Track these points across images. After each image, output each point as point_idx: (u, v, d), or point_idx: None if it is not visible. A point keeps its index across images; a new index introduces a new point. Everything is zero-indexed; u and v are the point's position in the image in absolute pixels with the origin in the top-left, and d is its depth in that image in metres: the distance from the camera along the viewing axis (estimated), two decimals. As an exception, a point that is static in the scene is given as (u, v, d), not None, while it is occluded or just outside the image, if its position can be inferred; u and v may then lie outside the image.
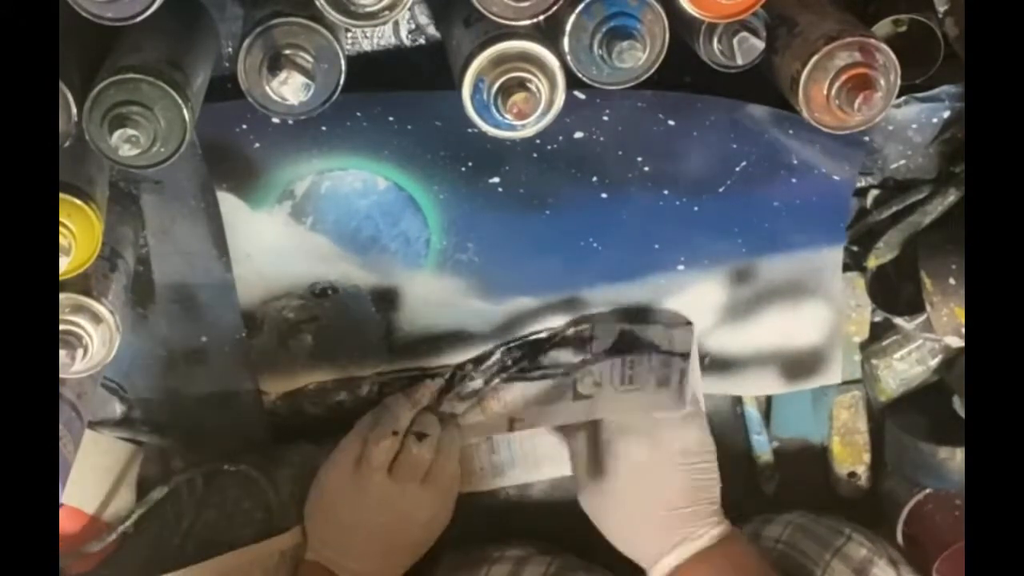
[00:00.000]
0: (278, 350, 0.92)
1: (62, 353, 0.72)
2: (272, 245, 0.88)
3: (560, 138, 0.85)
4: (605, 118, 0.84)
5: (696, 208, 0.90)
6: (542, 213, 0.89)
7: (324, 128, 0.83)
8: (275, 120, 0.81)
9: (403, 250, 0.89)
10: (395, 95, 0.84)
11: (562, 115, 0.79)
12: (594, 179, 0.88)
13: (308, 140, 0.84)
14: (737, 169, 0.88)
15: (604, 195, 0.88)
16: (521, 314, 0.93)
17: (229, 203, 0.85)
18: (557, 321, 0.94)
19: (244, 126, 0.82)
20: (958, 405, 0.93)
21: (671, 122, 0.85)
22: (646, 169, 0.88)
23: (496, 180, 0.87)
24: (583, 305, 0.93)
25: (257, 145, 0.83)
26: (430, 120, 0.83)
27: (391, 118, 0.83)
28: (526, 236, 0.90)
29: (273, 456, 0.94)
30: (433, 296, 0.91)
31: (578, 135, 0.85)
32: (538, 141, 0.85)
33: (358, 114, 0.83)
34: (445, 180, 0.87)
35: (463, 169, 0.86)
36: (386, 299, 0.91)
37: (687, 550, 0.85)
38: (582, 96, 0.81)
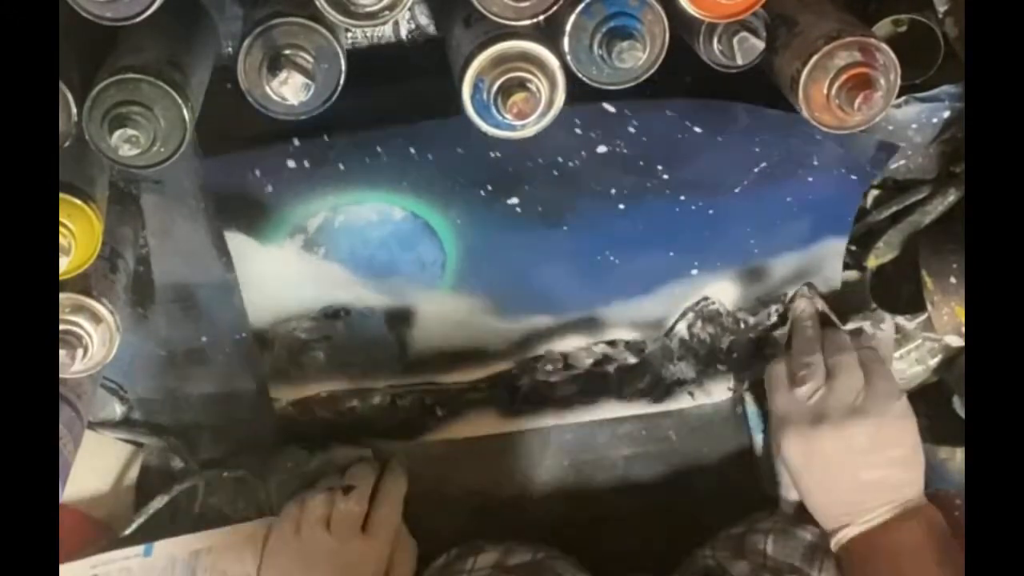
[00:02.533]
0: (289, 366, 0.92)
1: (62, 353, 0.71)
2: (283, 274, 0.87)
3: (583, 153, 0.84)
4: (632, 129, 0.84)
5: (711, 211, 0.89)
6: (560, 229, 0.88)
7: (342, 167, 0.83)
8: (291, 164, 0.81)
9: (418, 274, 0.89)
10: (415, 126, 0.83)
11: (588, 130, 0.79)
12: (612, 191, 0.87)
13: (325, 180, 0.83)
14: (756, 170, 0.88)
15: (622, 206, 0.88)
16: (537, 332, 0.93)
17: (238, 240, 0.85)
18: (573, 340, 0.94)
19: (257, 172, 0.82)
20: (958, 405, 0.93)
21: (698, 129, 0.85)
22: (665, 177, 0.87)
23: (515, 201, 0.87)
24: (599, 323, 0.93)
25: (270, 189, 0.83)
26: (452, 147, 0.83)
27: (412, 149, 0.83)
28: (543, 253, 0.89)
29: (267, 461, 0.94)
30: (447, 316, 0.91)
31: (601, 149, 0.85)
32: (560, 159, 0.84)
33: (378, 149, 0.82)
34: (463, 205, 0.86)
35: (482, 193, 0.86)
36: (400, 318, 0.91)
37: (862, 526, 0.84)
38: (612, 109, 0.81)
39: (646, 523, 0.99)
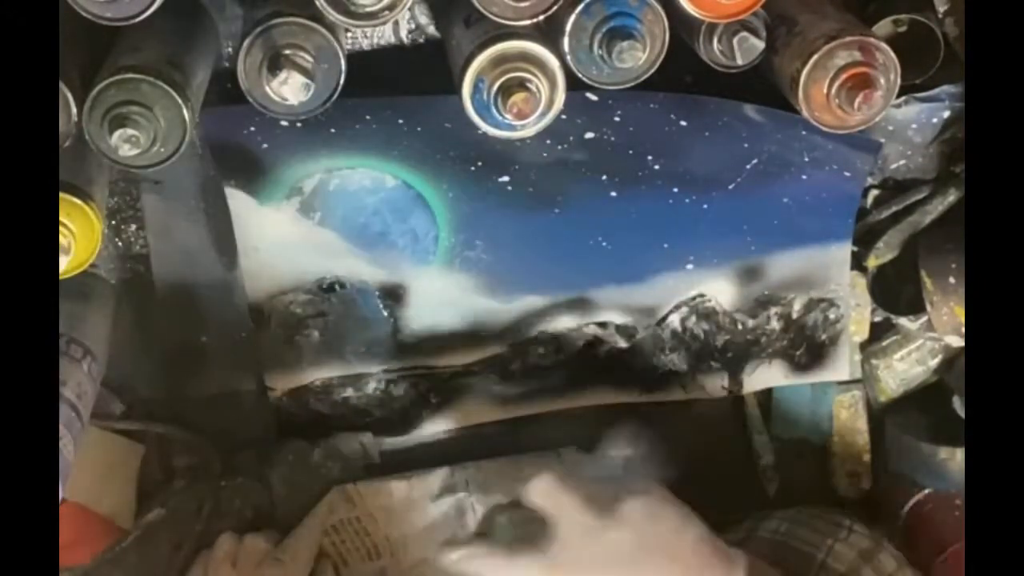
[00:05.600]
0: (284, 346, 0.92)
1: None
2: (280, 239, 0.87)
3: (571, 138, 0.85)
4: (616, 119, 0.84)
5: (706, 206, 0.90)
6: (551, 212, 0.89)
7: (333, 131, 0.83)
8: (283, 123, 0.81)
9: (411, 246, 0.89)
10: (405, 99, 0.83)
11: (573, 116, 0.79)
12: (604, 178, 0.88)
13: (317, 142, 0.84)
14: (748, 167, 0.88)
15: (614, 193, 0.88)
16: (529, 313, 0.93)
17: (237, 199, 0.85)
18: (564, 320, 0.94)
19: (252, 128, 0.82)
20: (958, 405, 0.93)
21: (683, 123, 0.85)
22: (656, 168, 0.88)
23: (506, 179, 0.87)
24: (592, 305, 0.94)
25: (265, 146, 0.83)
26: (440, 122, 0.83)
27: (400, 120, 0.83)
28: (535, 234, 0.90)
29: (267, 456, 0.94)
30: (441, 294, 0.91)
31: (589, 135, 0.85)
32: (548, 141, 0.85)
33: (367, 117, 0.83)
34: (454, 179, 0.87)
35: (472, 168, 0.86)
36: (394, 295, 0.91)
37: None
38: (594, 98, 0.81)
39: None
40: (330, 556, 0.92)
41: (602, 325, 0.95)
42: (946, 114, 0.86)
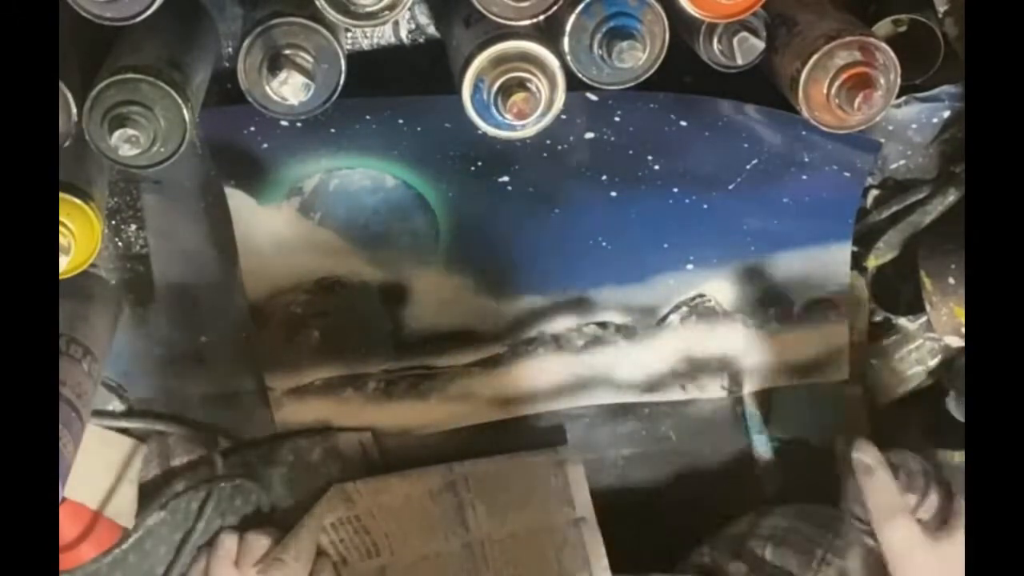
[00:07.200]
0: (284, 345, 0.92)
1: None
2: (280, 238, 0.87)
3: (571, 138, 0.85)
4: (616, 119, 0.84)
5: (705, 206, 0.90)
6: (551, 212, 0.89)
7: (333, 131, 0.83)
8: (283, 123, 0.81)
9: (411, 246, 0.89)
10: (405, 99, 0.84)
11: (573, 116, 0.79)
12: (604, 178, 0.88)
13: (317, 142, 0.84)
14: (748, 167, 0.88)
15: (614, 193, 0.89)
16: (529, 313, 0.93)
17: (237, 198, 0.85)
18: (564, 321, 0.94)
19: (252, 128, 0.82)
20: (954, 406, 0.93)
21: (683, 123, 0.85)
22: (656, 168, 0.88)
23: (506, 179, 0.87)
24: (592, 305, 0.94)
25: (265, 146, 0.83)
26: (440, 122, 0.83)
27: (400, 120, 0.83)
28: (535, 234, 0.90)
29: (267, 456, 0.94)
30: (441, 293, 0.91)
31: (589, 135, 0.85)
32: (548, 141, 0.85)
33: (367, 117, 0.83)
34: (454, 179, 0.87)
35: (472, 169, 0.86)
36: (394, 295, 0.91)
37: None
38: (594, 98, 0.81)
39: (645, 523, 0.99)
40: (329, 554, 0.92)
41: (602, 325, 0.95)
42: (946, 114, 0.86)
